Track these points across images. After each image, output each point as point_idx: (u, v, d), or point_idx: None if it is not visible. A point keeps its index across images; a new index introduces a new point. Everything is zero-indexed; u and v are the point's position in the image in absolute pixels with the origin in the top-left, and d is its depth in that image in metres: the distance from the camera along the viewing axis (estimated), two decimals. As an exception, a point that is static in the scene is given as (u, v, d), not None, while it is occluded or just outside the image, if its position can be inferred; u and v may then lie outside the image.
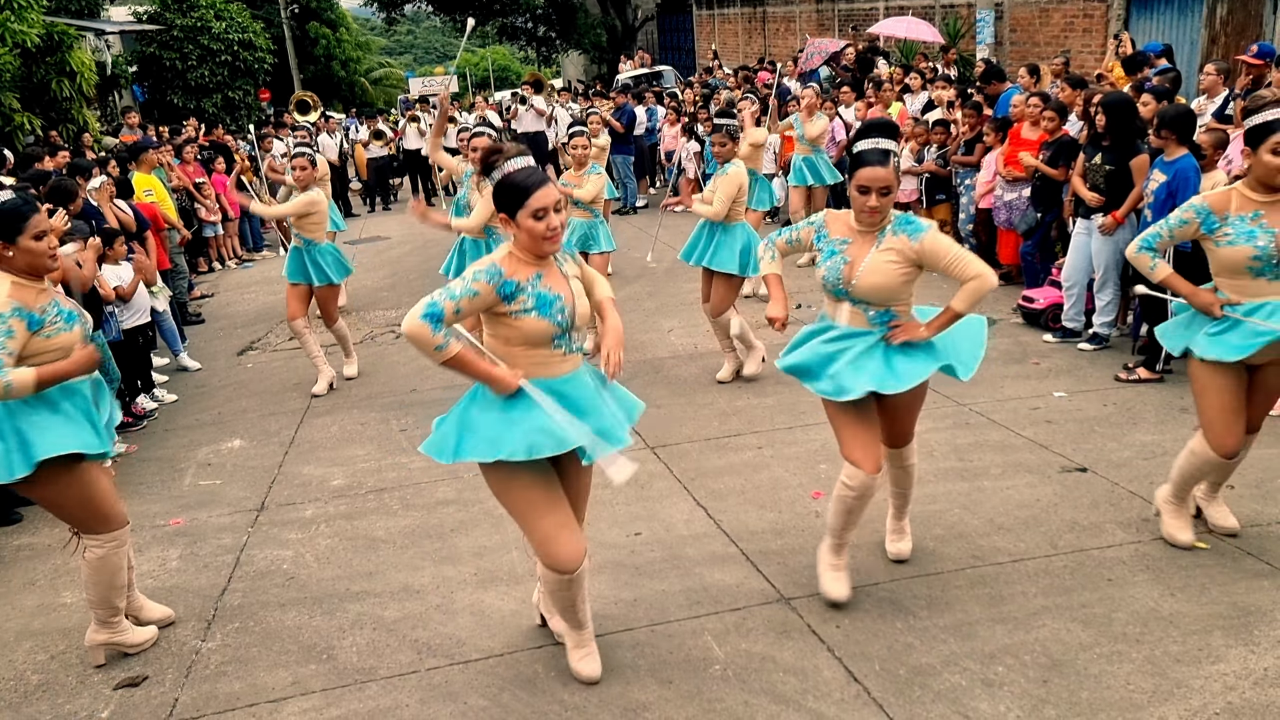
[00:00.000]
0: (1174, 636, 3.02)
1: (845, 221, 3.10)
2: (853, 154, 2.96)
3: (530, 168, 2.61)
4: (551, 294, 2.64)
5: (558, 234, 2.61)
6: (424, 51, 59.27)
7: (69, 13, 18.28)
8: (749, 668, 3.03)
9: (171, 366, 6.93)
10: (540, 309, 2.62)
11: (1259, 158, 3.10)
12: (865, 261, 2.99)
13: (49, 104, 11.89)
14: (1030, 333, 6.24)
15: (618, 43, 24.62)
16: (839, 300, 3.10)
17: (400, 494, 4.55)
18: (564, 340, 2.70)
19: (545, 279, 2.66)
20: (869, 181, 2.90)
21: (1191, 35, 10.02)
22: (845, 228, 3.09)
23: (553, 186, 2.61)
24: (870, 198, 2.91)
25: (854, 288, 3.02)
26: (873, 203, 2.91)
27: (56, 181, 5.84)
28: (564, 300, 2.66)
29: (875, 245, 3.00)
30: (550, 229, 2.58)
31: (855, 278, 3.00)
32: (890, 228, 3.01)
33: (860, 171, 2.91)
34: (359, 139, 14.54)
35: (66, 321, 3.07)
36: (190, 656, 3.34)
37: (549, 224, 2.58)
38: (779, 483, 4.32)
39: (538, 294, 2.62)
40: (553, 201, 2.59)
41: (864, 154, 2.92)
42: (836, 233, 3.10)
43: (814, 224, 3.18)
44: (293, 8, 25.47)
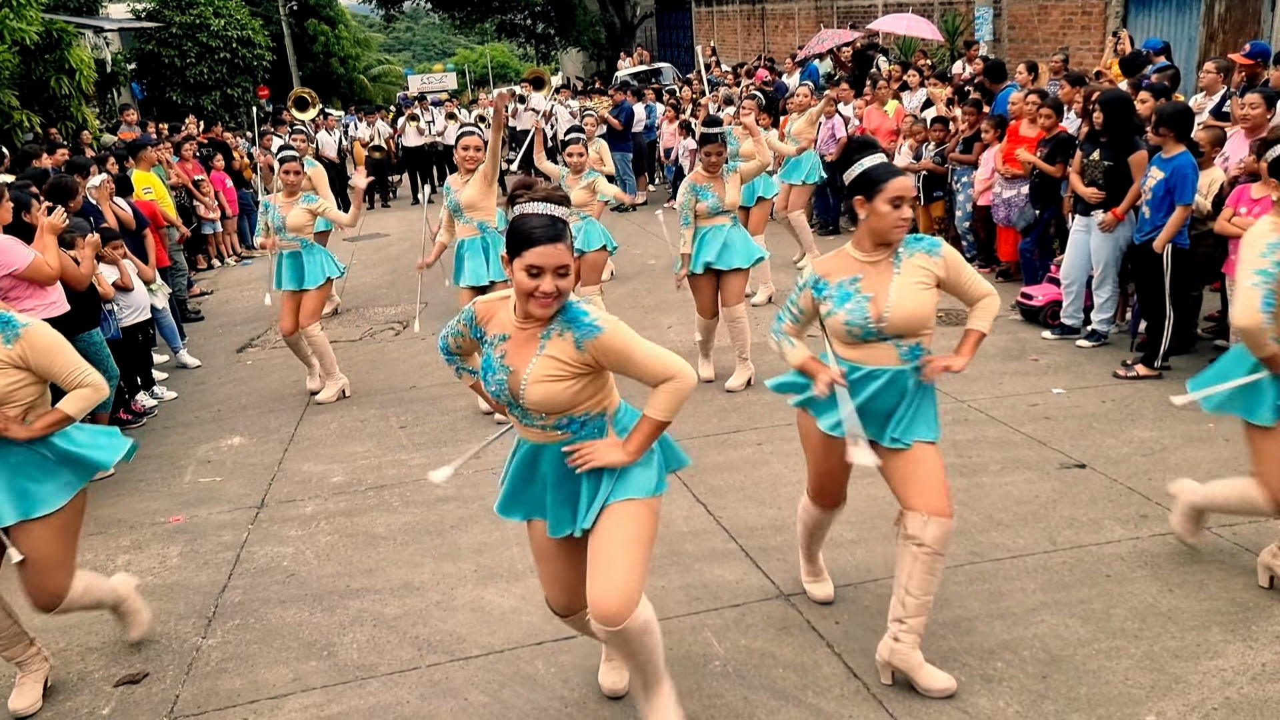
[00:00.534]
0: (1172, 632, 3.03)
1: (844, 259, 2.81)
2: (861, 174, 2.72)
3: (546, 217, 2.26)
4: (498, 363, 2.40)
5: (547, 301, 2.27)
6: (423, 48, 59.22)
7: (68, 10, 18.25)
8: (749, 664, 3.04)
9: (171, 364, 6.93)
10: (484, 369, 2.46)
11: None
12: (893, 291, 2.70)
13: (48, 101, 11.88)
14: (1029, 329, 6.25)
15: (616, 40, 24.59)
16: (866, 343, 2.76)
17: (400, 491, 4.56)
18: (514, 411, 2.45)
19: (510, 343, 2.39)
20: (903, 192, 2.68)
21: (1190, 32, 10.03)
22: (847, 264, 2.80)
23: (563, 248, 2.25)
24: (904, 209, 2.70)
25: (887, 324, 2.70)
26: (906, 214, 2.71)
27: (56, 179, 5.83)
28: (506, 376, 2.38)
29: (895, 271, 2.74)
30: (541, 292, 2.25)
31: (886, 311, 2.69)
32: (901, 250, 2.77)
33: (891, 183, 2.67)
34: (358, 136, 14.54)
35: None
36: (191, 653, 3.35)
37: (539, 286, 2.24)
38: (778, 479, 4.33)
39: (488, 355, 2.45)
40: (553, 265, 2.24)
41: (879, 169, 2.70)
42: (841, 274, 2.79)
43: (805, 284, 2.86)
44: (291, 5, 25.43)
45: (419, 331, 5.89)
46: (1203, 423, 4.53)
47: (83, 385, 2.89)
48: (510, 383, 2.38)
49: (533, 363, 2.35)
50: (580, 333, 2.33)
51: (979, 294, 2.83)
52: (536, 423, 2.43)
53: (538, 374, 2.34)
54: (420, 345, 6.99)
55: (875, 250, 2.77)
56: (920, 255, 2.76)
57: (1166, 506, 3.81)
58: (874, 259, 2.77)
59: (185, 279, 8.71)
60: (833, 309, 2.77)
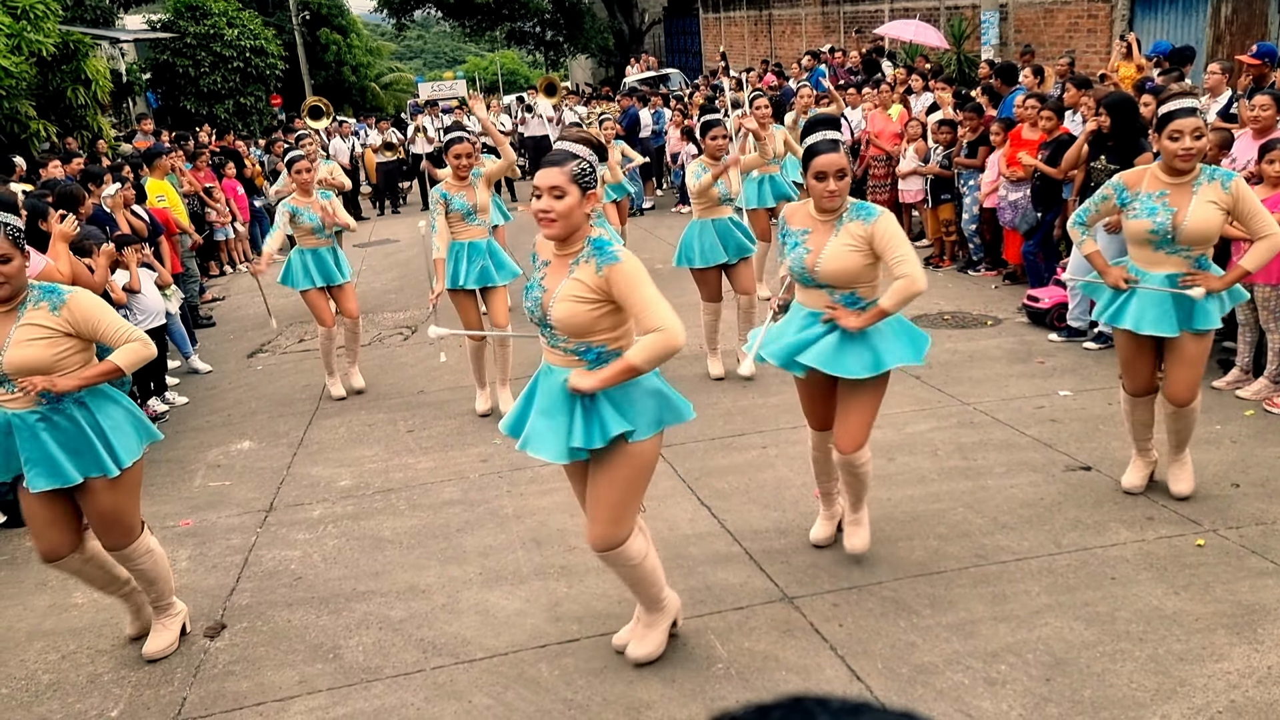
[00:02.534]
0: (1177, 635, 3.02)
1: (805, 212, 3.27)
2: (806, 148, 3.14)
3: (556, 150, 2.71)
4: (537, 283, 2.78)
5: (544, 220, 2.67)
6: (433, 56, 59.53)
7: (84, 22, 18.46)
8: (752, 666, 3.05)
9: (182, 369, 6.99)
10: (526, 290, 2.83)
11: (1161, 143, 3.47)
12: (826, 249, 3.16)
13: (64, 111, 12.00)
14: (1035, 332, 6.23)
15: (625, 46, 24.67)
16: (806, 287, 3.29)
17: (407, 494, 4.59)
18: (543, 331, 2.79)
19: (549, 268, 2.78)
20: (826, 167, 3.09)
21: (1196, 35, 9.98)
22: (805, 218, 3.26)
23: (557, 171, 2.66)
24: (829, 182, 3.09)
25: (817, 274, 3.19)
26: (831, 186, 3.09)
27: (63, 188, 5.91)
28: (540, 295, 2.75)
29: (834, 233, 3.16)
30: (538, 211, 2.68)
31: (818, 264, 3.17)
32: (847, 215, 3.18)
33: (816, 160, 3.09)
34: (369, 144, 14.65)
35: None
36: (199, 655, 3.38)
37: (538, 205, 2.68)
38: (783, 482, 4.34)
39: (533, 279, 2.81)
40: (546, 185, 2.66)
41: (816, 145, 3.10)
42: (797, 224, 3.28)
43: (778, 224, 3.34)
44: (304, 14, 25.63)
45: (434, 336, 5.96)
46: (1209, 425, 4.51)
47: (131, 340, 3.02)
48: (543, 300, 2.73)
49: (562, 283, 2.71)
50: (601, 259, 2.68)
51: (895, 271, 3.11)
52: (559, 344, 2.75)
53: (564, 293, 2.69)
54: (428, 350, 7.02)
55: (821, 213, 3.22)
56: (858, 222, 3.15)
57: (1172, 509, 3.80)
58: (822, 219, 3.22)
59: (197, 285, 8.79)
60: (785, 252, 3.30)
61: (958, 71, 11.79)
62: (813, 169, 3.12)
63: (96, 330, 2.99)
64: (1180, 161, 3.43)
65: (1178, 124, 3.40)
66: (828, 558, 3.66)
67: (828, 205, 3.16)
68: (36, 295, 2.94)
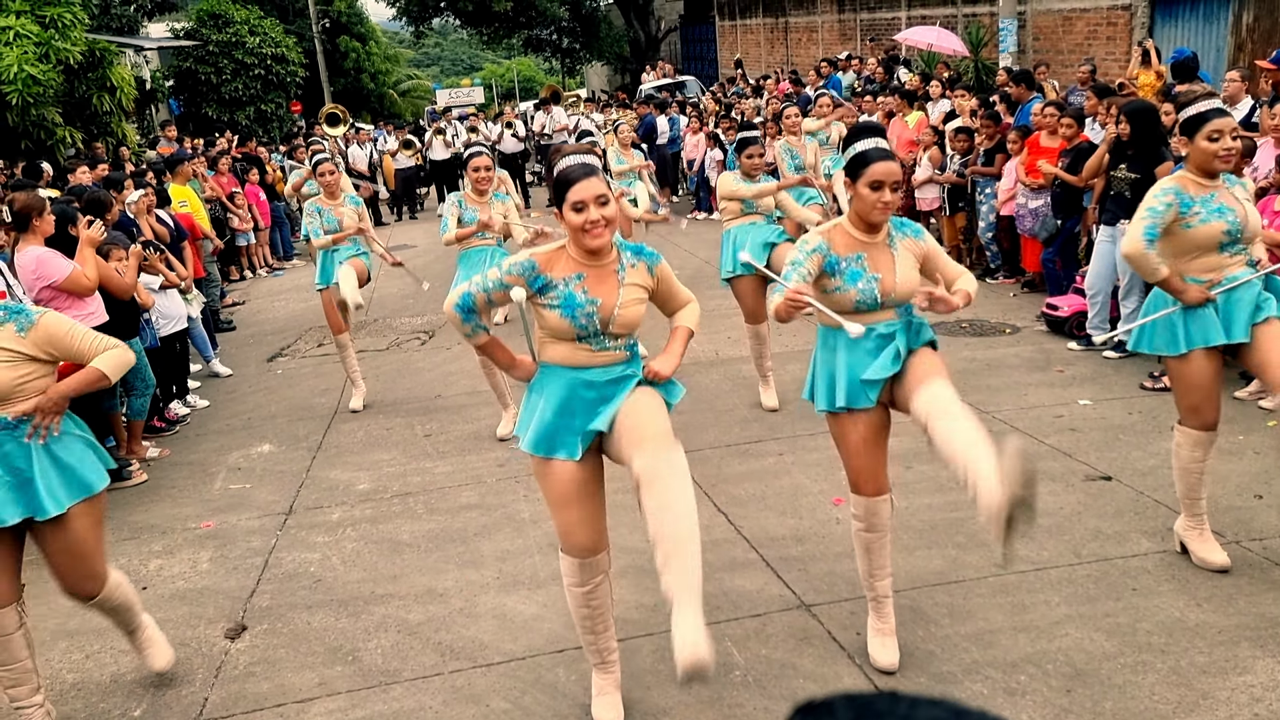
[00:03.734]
0: (1200, 647, 2.99)
1: (844, 235, 2.93)
2: (854, 156, 2.87)
3: (579, 163, 2.61)
4: (584, 297, 2.63)
5: (598, 228, 2.57)
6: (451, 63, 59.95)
7: (110, 30, 18.75)
8: (769, 674, 3.05)
9: (203, 372, 7.07)
10: (564, 307, 2.63)
11: (1195, 145, 3.30)
12: (899, 271, 2.88)
13: (89, 118, 12.19)
14: (1054, 340, 6.20)
15: (641, 53, 24.77)
16: (869, 312, 2.90)
17: (424, 498, 4.61)
18: (593, 339, 2.68)
19: (588, 280, 2.65)
20: (883, 176, 2.80)
21: (1218, 42, 9.91)
22: (851, 242, 2.91)
23: (597, 180, 2.59)
24: (884, 192, 2.81)
25: (892, 298, 2.87)
26: (887, 197, 2.81)
27: (91, 194, 5.99)
28: (597, 306, 2.63)
29: (894, 251, 2.91)
30: (589, 222, 2.56)
31: (896, 288, 2.86)
32: (893, 233, 2.95)
33: (872, 168, 2.81)
34: (387, 149, 14.78)
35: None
36: (220, 657, 3.41)
37: (587, 217, 2.56)
38: (800, 489, 4.33)
39: (568, 294, 2.63)
40: (593, 195, 2.56)
41: (868, 152, 2.83)
42: (847, 250, 2.90)
43: (817, 250, 2.88)
44: (324, 22, 25.88)
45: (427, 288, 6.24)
46: (1231, 435, 4.47)
47: (108, 349, 2.91)
48: (601, 312, 2.64)
49: (620, 292, 2.66)
50: (650, 260, 2.75)
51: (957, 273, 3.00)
52: (610, 345, 2.70)
53: (628, 299, 2.67)
54: (445, 355, 7.07)
55: (865, 230, 2.92)
56: (910, 239, 2.96)
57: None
58: (868, 240, 2.91)
59: (218, 290, 8.88)
60: (843, 285, 2.89)
61: (975, 79, 11.76)
62: (867, 177, 2.82)
63: (70, 348, 2.87)
64: (1221, 162, 3.26)
65: (1216, 124, 3.24)
66: (845, 566, 3.64)
67: (878, 218, 2.86)
68: (2, 316, 2.81)
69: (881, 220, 2.89)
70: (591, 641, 2.86)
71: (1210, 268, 3.32)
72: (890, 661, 3.01)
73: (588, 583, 2.76)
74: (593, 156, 2.66)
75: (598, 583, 2.77)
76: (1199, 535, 3.46)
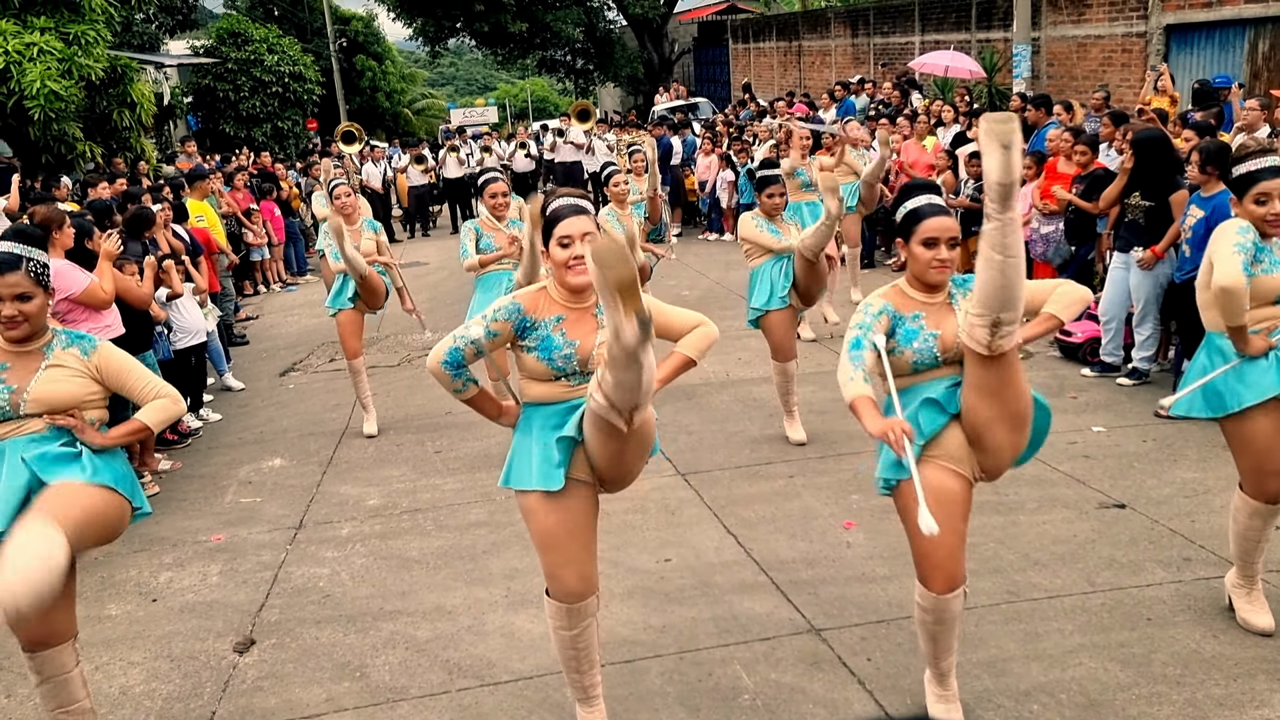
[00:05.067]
0: (1216, 679, 2.95)
1: (900, 294, 2.75)
2: (906, 214, 2.70)
3: (569, 203, 2.61)
4: (562, 339, 2.58)
5: (582, 264, 2.51)
6: (465, 83, 60.57)
7: (131, 47, 19.02)
8: (778, 698, 3.02)
9: (216, 386, 7.10)
10: (541, 350, 2.58)
11: (1244, 206, 3.13)
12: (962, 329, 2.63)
13: (109, 133, 12.35)
14: (1068, 366, 6.17)
15: (654, 75, 24.96)
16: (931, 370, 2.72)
17: (434, 515, 4.61)
18: (571, 378, 2.62)
19: (567, 321, 2.59)
20: (938, 232, 2.63)
21: (1234, 70, 9.93)
22: (907, 301, 2.73)
23: (587, 219, 2.57)
24: (939, 250, 2.64)
25: (953, 354, 2.68)
26: (943, 254, 2.64)
27: (137, 211, 6.06)
28: (575, 349, 2.58)
29: (955, 309, 2.70)
30: (573, 258, 2.54)
31: (957, 344, 2.64)
32: (954, 290, 2.73)
33: (925, 224, 2.64)
34: (400, 167, 14.92)
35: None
36: (228, 671, 3.41)
37: (572, 253, 2.54)
38: (810, 512, 4.31)
39: (546, 337, 2.58)
40: (580, 232, 2.53)
41: (920, 209, 2.66)
42: (905, 309, 2.72)
43: (884, 311, 2.70)
44: (341, 41, 26.23)
45: None
46: (1248, 465, 4.43)
47: (160, 397, 2.86)
48: (579, 354, 2.59)
49: (599, 334, 2.59)
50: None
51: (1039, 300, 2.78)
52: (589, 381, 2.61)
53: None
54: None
55: (921, 289, 2.72)
56: None
57: (1210, 549, 3.73)
58: (927, 300, 2.71)
59: (233, 304, 8.95)
60: (899, 346, 2.68)
61: (989, 104, 11.80)
62: (920, 234, 2.64)
63: (125, 384, 2.81)
64: (1271, 227, 3.07)
65: (1265, 186, 3.05)
66: (856, 590, 3.62)
67: (935, 278, 2.67)
68: (65, 340, 2.81)
69: (939, 281, 2.70)
70: (576, 680, 2.81)
71: (1262, 319, 3.09)
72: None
73: (575, 627, 2.69)
74: (586, 202, 2.64)
75: (585, 626, 2.71)
76: (1248, 595, 3.25)
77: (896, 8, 16.37)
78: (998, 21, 13.66)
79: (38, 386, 2.72)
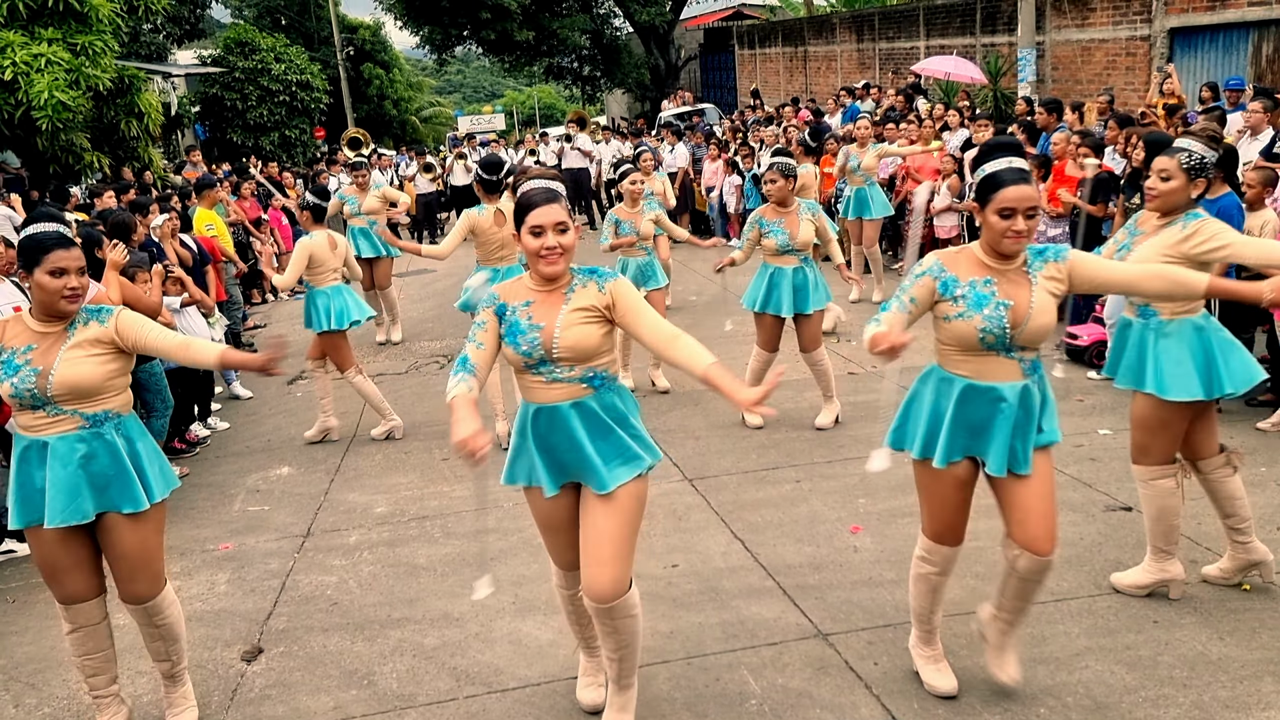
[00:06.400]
0: (1222, 681, 2.94)
1: (971, 260, 2.67)
2: (984, 178, 2.60)
3: (541, 187, 2.59)
4: (527, 324, 2.59)
5: (554, 254, 2.54)
6: (473, 90, 60.81)
7: (139, 57, 19.17)
8: (785, 703, 3.02)
9: (224, 394, 7.14)
10: (508, 334, 2.61)
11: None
12: (1034, 302, 2.58)
13: (117, 143, 12.44)
14: (1074, 369, 6.16)
15: (661, 81, 25.02)
16: (987, 353, 2.65)
17: (442, 522, 4.63)
18: (543, 369, 2.60)
19: (534, 306, 2.61)
20: (1015, 202, 2.52)
21: (1237, 73, 9.90)
22: (977, 267, 2.65)
23: (558, 207, 2.56)
24: (1016, 220, 2.54)
25: (1022, 334, 2.59)
26: (1019, 225, 2.54)
27: (116, 216, 6.11)
28: (539, 331, 2.56)
29: (1031, 282, 2.61)
30: (545, 248, 2.53)
31: (1029, 321, 2.58)
32: (1032, 260, 2.64)
33: (1003, 192, 2.53)
34: (407, 175, 14.99)
35: (5, 371, 2.82)
36: (236, 679, 3.42)
37: (544, 243, 2.53)
38: (817, 517, 4.31)
39: (514, 321, 2.61)
40: (552, 221, 2.54)
41: (1000, 174, 2.55)
42: (969, 272, 2.64)
43: (929, 273, 2.67)
44: (348, 50, 26.37)
45: None
46: (1255, 467, 4.42)
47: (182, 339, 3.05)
48: (543, 337, 2.57)
49: (562, 313, 2.59)
50: (601, 279, 2.63)
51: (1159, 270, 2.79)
52: (563, 376, 2.60)
53: (569, 321, 2.58)
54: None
55: (998, 258, 2.64)
56: (1052, 264, 2.64)
57: (1216, 552, 3.71)
58: (1002, 268, 2.64)
59: (240, 312, 8.99)
60: (965, 311, 2.61)
61: (994, 109, 11.79)
62: (996, 203, 2.54)
63: (145, 337, 2.88)
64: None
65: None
66: (863, 594, 3.62)
67: (1010, 249, 2.58)
68: (84, 317, 2.89)
69: (1014, 251, 2.61)
70: (577, 631, 3.03)
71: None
72: (951, 686, 2.97)
73: (572, 587, 2.89)
74: (558, 183, 2.63)
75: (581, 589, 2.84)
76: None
77: (901, 12, 16.38)
78: (1002, 26, 13.66)
79: (61, 369, 2.81)
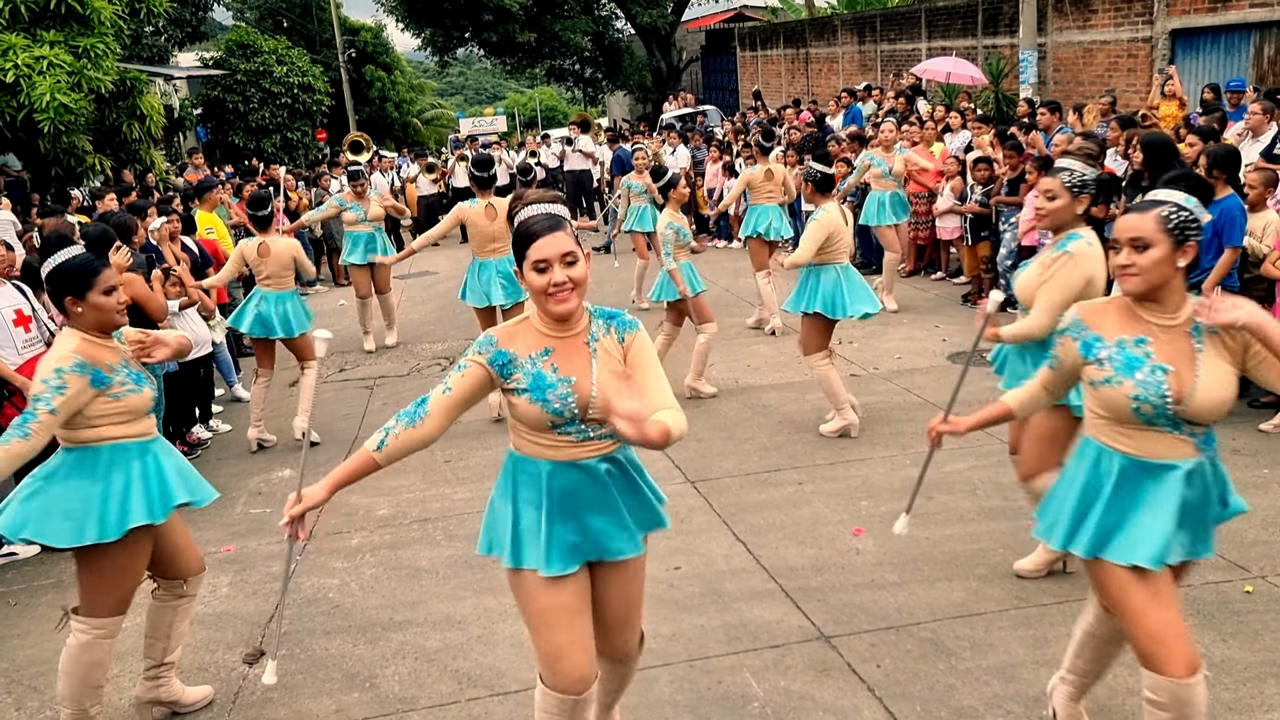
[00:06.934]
0: (1225, 683, 2.94)
1: (1117, 314, 2.25)
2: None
3: (542, 214, 2.19)
4: (554, 377, 2.19)
5: (564, 291, 2.15)
6: (474, 92, 60.89)
7: (141, 59, 19.19)
8: (788, 706, 3.02)
9: (226, 397, 7.14)
10: (534, 390, 2.19)
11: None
12: (1202, 370, 2.15)
13: (119, 145, 12.45)
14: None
15: (662, 83, 25.05)
16: (1145, 428, 2.21)
17: (443, 524, 4.63)
18: (571, 427, 2.23)
19: (556, 355, 2.22)
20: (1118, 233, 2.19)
21: (1239, 74, 9.90)
22: (1128, 319, 2.23)
23: (564, 235, 2.16)
24: (1120, 254, 2.18)
25: (1187, 408, 2.15)
26: (1122, 260, 2.16)
27: (117, 218, 6.11)
28: (571, 386, 2.19)
29: (1195, 343, 2.18)
30: (553, 285, 2.14)
31: (1193, 393, 2.14)
32: (1200, 330, 2.19)
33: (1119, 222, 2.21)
34: (409, 176, 15.01)
35: (135, 383, 2.97)
36: (238, 682, 3.42)
37: (551, 279, 2.14)
38: (819, 519, 4.31)
39: (535, 373, 2.20)
40: (558, 253, 2.14)
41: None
42: (1116, 329, 2.23)
43: (1068, 331, 2.30)
44: (350, 52, 26.42)
45: None
46: (1258, 469, 4.41)
47: None
48: (577, 393, 2.19)
49: (594, 366, 2.22)
50: (621, 327, 2.28)
51: None
52: (594, 434, 2.25)
53: (604, 373, 2.20)
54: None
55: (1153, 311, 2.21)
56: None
57: (1219, 554, 3.70)
58: (1162, 323, 2.20)
59: (241, 315, 8.99)
60: (1114, 376, 2.20)
61: (995, 110, 11.79)
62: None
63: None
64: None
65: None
66: (865, 597, 3.62)
67: (1124, 288, 2.20)
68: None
69: (1138, 291, 2.18)
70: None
71: None
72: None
73: (579, 694, 2.29)
74: (559, 205, 2.24)
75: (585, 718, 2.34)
76: None
77: (903, 14, 16.40)
78: (1004, 27, 13.67)
79: None
